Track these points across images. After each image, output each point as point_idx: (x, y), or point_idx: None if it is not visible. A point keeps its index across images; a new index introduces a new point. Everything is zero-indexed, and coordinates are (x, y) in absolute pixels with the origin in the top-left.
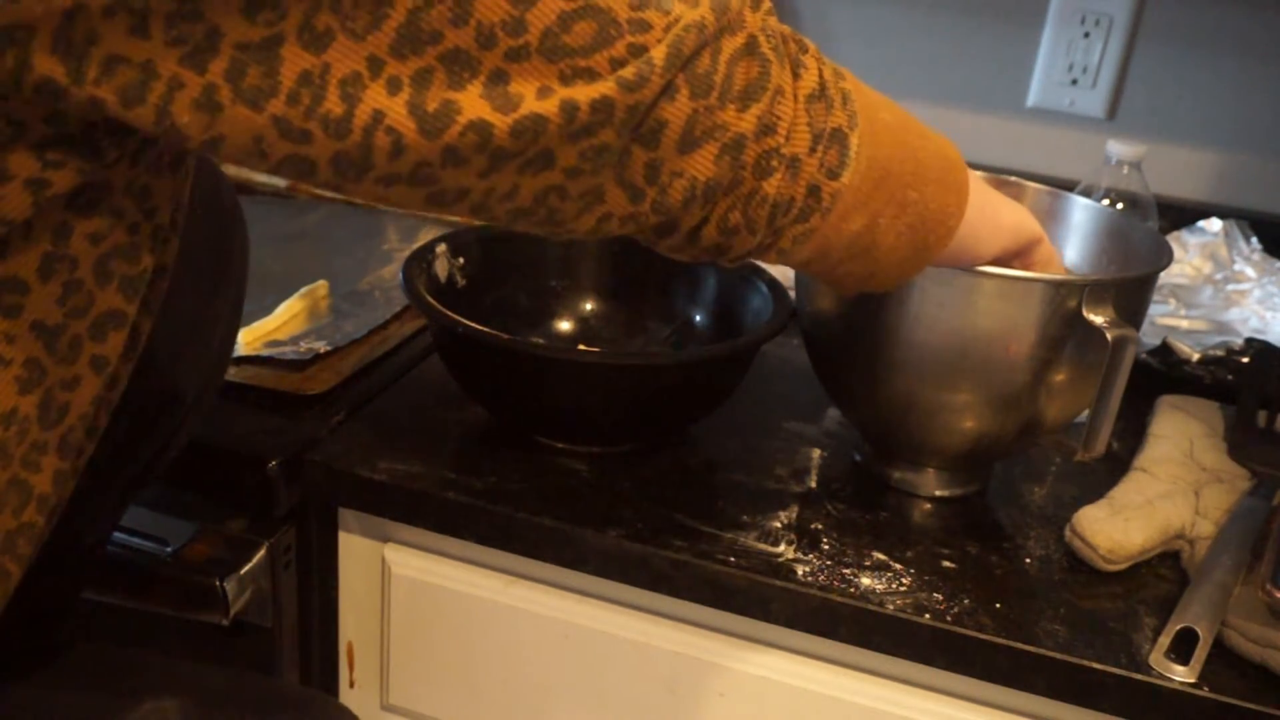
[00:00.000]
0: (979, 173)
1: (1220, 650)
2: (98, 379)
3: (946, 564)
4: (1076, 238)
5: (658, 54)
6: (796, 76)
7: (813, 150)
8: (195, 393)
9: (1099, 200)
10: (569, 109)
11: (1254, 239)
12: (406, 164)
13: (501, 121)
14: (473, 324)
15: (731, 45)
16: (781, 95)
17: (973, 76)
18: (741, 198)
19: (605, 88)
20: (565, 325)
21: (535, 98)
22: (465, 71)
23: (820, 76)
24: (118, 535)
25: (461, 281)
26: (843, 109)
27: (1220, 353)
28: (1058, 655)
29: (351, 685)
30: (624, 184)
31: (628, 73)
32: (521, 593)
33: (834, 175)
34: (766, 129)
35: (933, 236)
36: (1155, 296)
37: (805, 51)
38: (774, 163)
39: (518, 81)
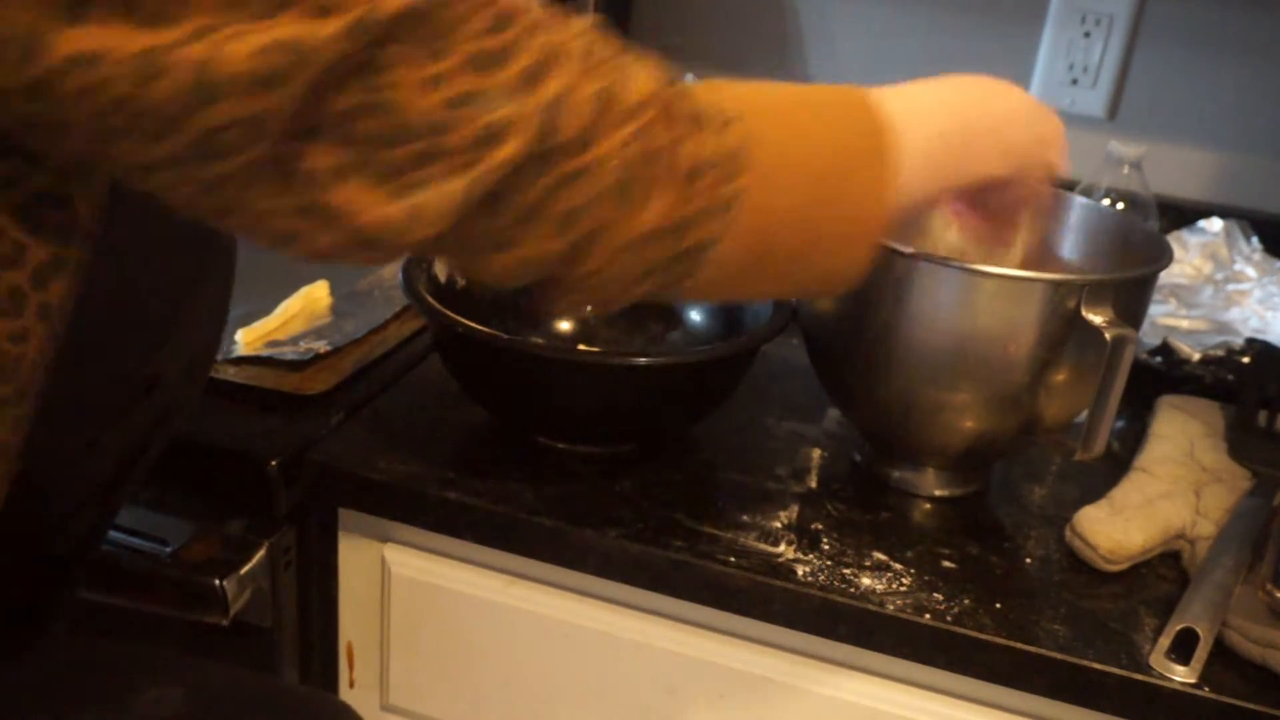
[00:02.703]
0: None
1: (1221, 650)
2: (46, 325)
3: (946, 564)
4: (1076, 238)
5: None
6: (641, 207)
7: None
8: (179, 375)
9: (1099, 200)
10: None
11: (1254, 239)
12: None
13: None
14: (473, 324)
15: (556, 174)
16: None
17: None
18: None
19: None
20: (565, 325)
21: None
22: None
23: (666, 211)
24: (117, 535)
25: (461, 281)
26: (707, 224)
27: (1220, 353)
28: (1058, 655)
29: (351, 685)
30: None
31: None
32: (521, 593)
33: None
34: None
35: (820, 270)
36: (1155, 296)
37: (675, 167)
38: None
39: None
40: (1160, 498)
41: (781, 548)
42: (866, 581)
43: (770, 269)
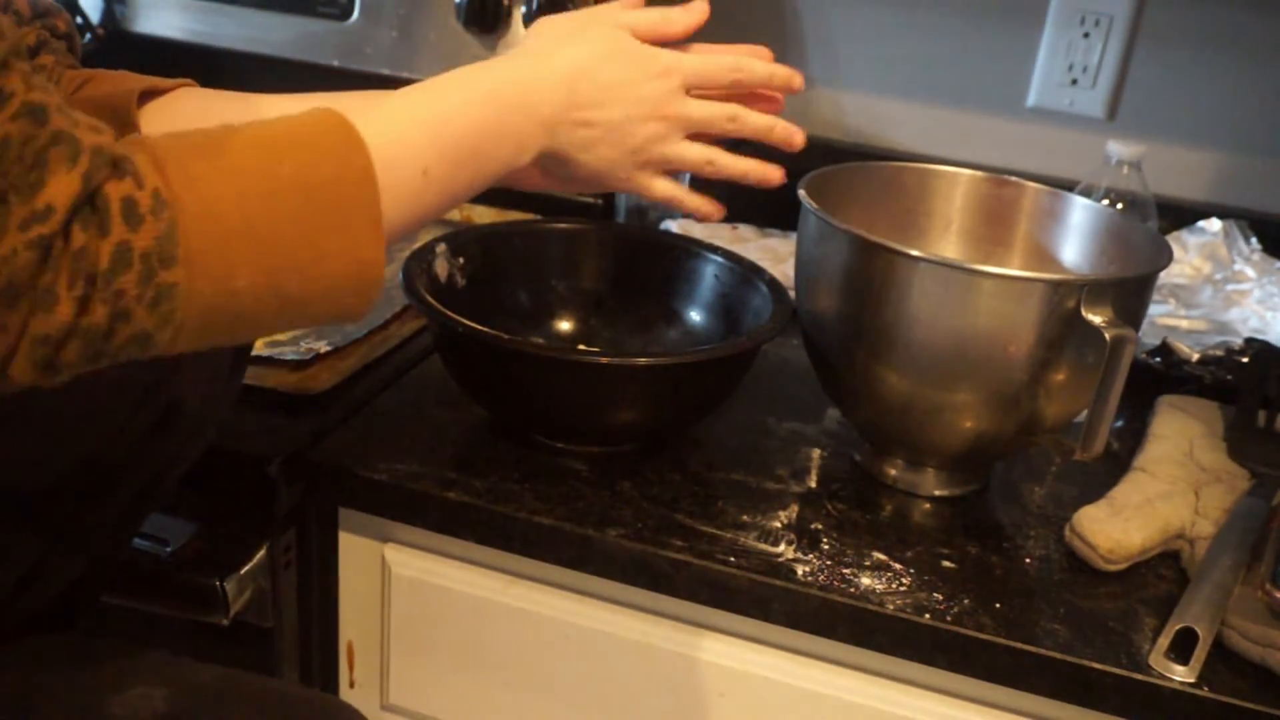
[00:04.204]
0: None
1: (1220, 650)
2: None
3: (946, 564)
4: (1076, 238)
5: None
6: (45, 309)
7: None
8: (198, 402)
9: (1099, 200)
10: None
11: (1254, 239)
12: None
13: None
14: (473, 324)
15: None
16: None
17: (973, 76)
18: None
19: None
20: (565, 325)
21: None
22: None
23: (72, 314)
24: None
25: (461, 281)
26: (137, 321)
27: (1220, 353)
28: (1058, 655)
29: (351, 685)
30: None
31: None
32: (522, 593)
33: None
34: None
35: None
36: (1155, 296)
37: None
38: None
39: None
40: (1160, 498)
41: (781, 548)
42: (866, 581)
43: (261, 325)
